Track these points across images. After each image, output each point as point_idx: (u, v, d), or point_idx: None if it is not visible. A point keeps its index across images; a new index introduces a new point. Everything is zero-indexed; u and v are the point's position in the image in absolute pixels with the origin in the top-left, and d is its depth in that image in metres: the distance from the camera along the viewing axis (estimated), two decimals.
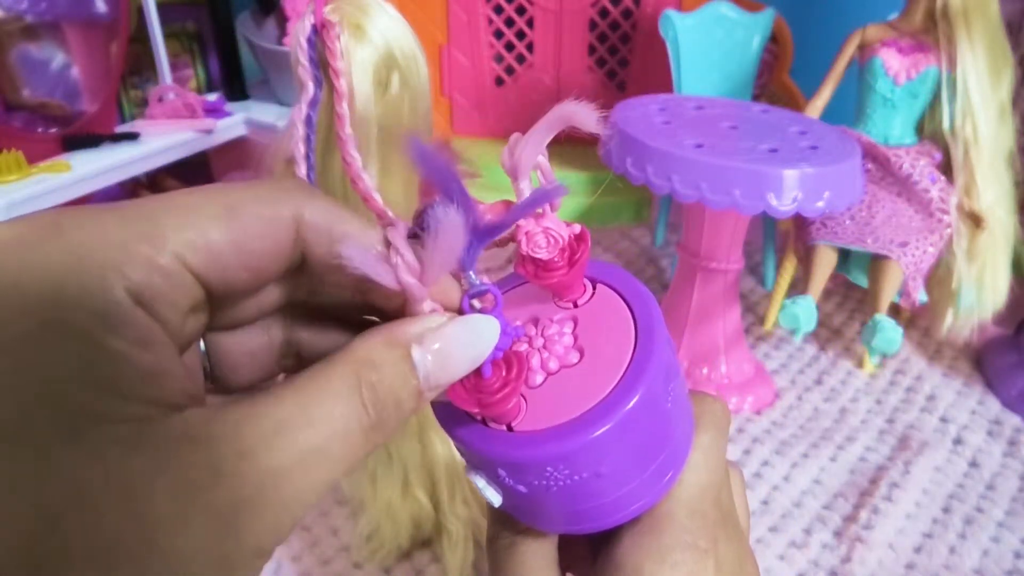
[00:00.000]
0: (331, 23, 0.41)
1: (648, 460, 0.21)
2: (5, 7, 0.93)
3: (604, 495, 0.21)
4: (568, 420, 0.20)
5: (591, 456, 0.20)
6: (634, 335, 0.21)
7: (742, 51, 1.14)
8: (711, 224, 0.84)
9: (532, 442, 0.20)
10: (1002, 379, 0.96)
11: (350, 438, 0.16)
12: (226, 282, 0.17)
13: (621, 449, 0.20)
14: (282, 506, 0.15)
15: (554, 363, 0.22)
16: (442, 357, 0.18)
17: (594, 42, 1.34)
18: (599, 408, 0.20)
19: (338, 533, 0.73)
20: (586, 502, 0.21)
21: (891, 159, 0.95)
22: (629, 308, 0.22)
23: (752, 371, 0.94)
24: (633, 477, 0.21)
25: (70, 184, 0.87)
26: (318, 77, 0.41)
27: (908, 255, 0.90)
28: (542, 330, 0.22)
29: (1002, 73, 0.91)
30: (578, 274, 0.22)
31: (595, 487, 0.21)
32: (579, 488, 0.21)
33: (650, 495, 0.22)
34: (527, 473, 0.20)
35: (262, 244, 0.17)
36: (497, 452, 0.20)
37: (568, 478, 0.20)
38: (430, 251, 0.17)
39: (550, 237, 0.21)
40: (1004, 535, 0.77)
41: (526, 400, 0.21)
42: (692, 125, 0.81)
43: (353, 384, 0.17)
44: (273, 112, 1.09)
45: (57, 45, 0.99)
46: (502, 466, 0.21)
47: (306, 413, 0.16)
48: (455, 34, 1.34)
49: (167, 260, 0.16)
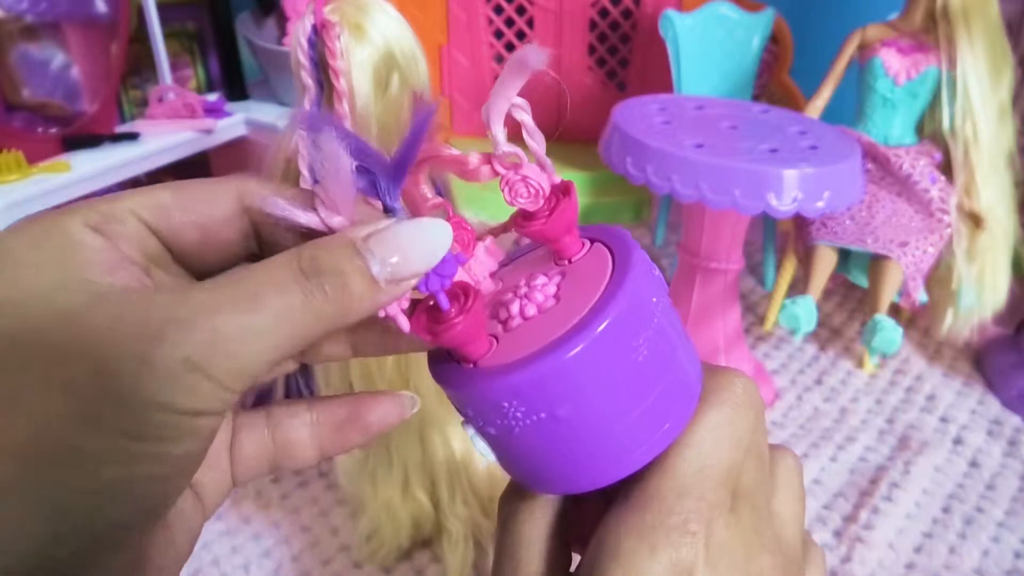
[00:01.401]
0: (331, 23, 0.41)
1: (618, 414, 0.21)
2: (5, 7, 0.93)
3: (568, 446, 0.21)
4: (522, 356, 0.20)
5: (540, 394, 0.20)
6: (606, 284, 0.22)
7: (742, 51, 1.14)
8: (711, 224, 0.84)
9: (487, 375, 0.20)
10: (1002, 379, 0.96)
11: (285, 296, 0.18)
12: (177, 236, 0.21)
13: (576, 393, 0.20)
14: (213, 334, 0.17)
15: (532, 309, 0.22)
16: (392, 248, 0.19)
17: (594, 42, 1.34)
18: (551, 345, 0.20)
19: (338, 533, 0.73)
20: (552, 451, 0.21)
21: (891, 159, 0.95)
22: (613, 260, 0.22)
23: (752, 371, 0.95)
24: (598, 431, 0.21)
25: (70, 184, 0.87)
26: (319, 77, 0.41)
27: (908, 255, 0.90)
28: (529, 281, 0.23)
29: (1002, 73, 0.91)
30: (560, 224, 0.22)
31: (556, 432, 0.21)
32: (540, 432, 0.21)
33: (624, 461, 0.21)
34: (487, 411, 0.21)
35: (208, 207, 0.21)
36: (459, 387, 0.21)
37: (526, 417, 0.20)
38: (325, 186, 0.19)
39: (529, 186, 0.22)
40: (1004, 535, 0.77)
41: (498, 341, 0.22)
42: (692, 125, 0.81)
43: (291, 256, 0.19)
44: (273, 112, 1.09)
45: (57, 45, 0.99)
46: (467, 404, 0.21)
47: (241, 277, 0.18)
48: (455, 34, 1.34)
49: (118, 212, 0.20)
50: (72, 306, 0.17)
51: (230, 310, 0.17)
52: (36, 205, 0.83)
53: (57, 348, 0.17)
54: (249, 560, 0.70)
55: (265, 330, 0.18)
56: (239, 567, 0.70)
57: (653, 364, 0.21)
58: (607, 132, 0.81)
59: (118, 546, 0.18)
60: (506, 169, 0.22)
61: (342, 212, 0.19)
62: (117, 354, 0.17)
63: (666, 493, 0.21)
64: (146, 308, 0.17)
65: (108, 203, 0.20)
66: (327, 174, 0.19)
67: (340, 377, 0.62)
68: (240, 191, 0.21)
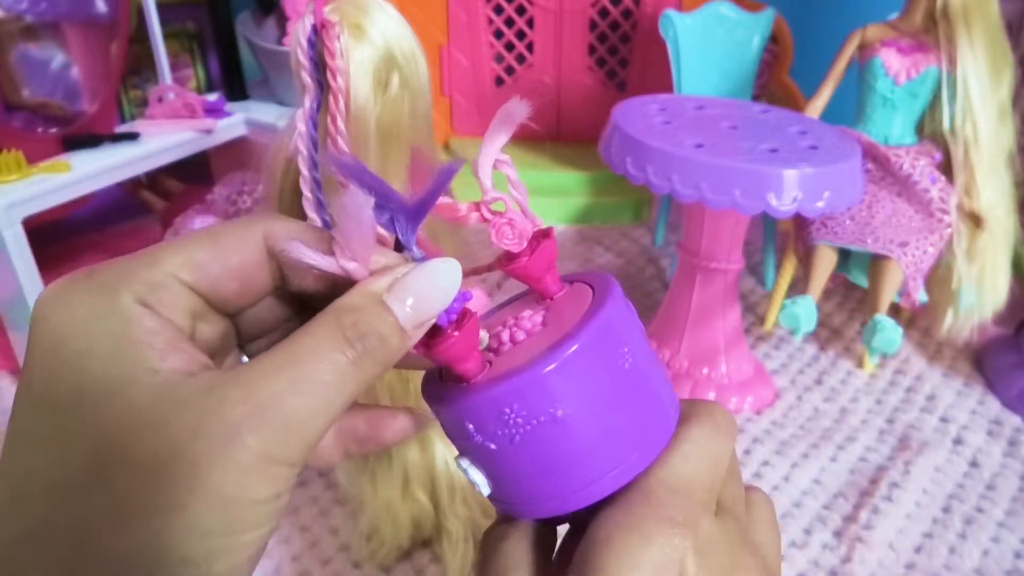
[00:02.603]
0: (331, 23, 0.41)
1: (608, 419, 0.22)
2: (5, 7, 0.93)
3: (567, 450, 0.22)
4: (521, 364, 0.22)
5: (542, 392, 0.21)
6: (591, 304, 0.24)
7: (742, 51, 1.14)
8: (711, 224, 0.84)
9: (487, 386, 0.22)
10: (1002, 379, 0.96)
11: (337, 367, 0.20)
12: (217, 290, 0.22)
13: (574, 391, 0.22)
14: (283, 423, 0.19)
15: (521, 334, 0.24)
16: (413, 294, 0.21)
17: (594, 42, 1.34)
18: (549, 349, 0.22)
19: (338, 533, 0.73)
20: (551, 459, 0.22)
21: (891, 159, 0.95)
22: (593, 290, 0.25)
23: (752, 371, 0.94)
24: (594, 435, 0.22)
25: (70, 184, 0.87)
26: (319, 77, 0.41)
27: (908, 255, 0.90)
28: (516, 316, 0.25)
29: (1002, 73, 0.91)
30: (541, 262, 0.25)
31: (556, 435, 0.22)
32: (541, 437, 0.22)
33: (617, 472, 0.23)
34: (488, 420, 0.22)
35: (240, 257, 0.22)
36: (460, 403, 0.22)
37: (527, 422, 0.22)
38: (344, 234, 0.20)
39: (514, 228, 0.24)
40: (1004, 535, 0.77)
41: (491, 364, 0.23)
42: (692, 125, 0.81)
43: (334, 324, 0.20)
44: (273, 112, 1.09)
45: (57, 45, 0.99)
46: (469, 417, 0.22)
47: (295, 353, 0.20)
48: (455, 34, 1.34)
49: (162, 277, 0.21)
50: (150, 409, 0.19)
51: (294, 393, 0.19)
52: (36, 205, 0.83)
53: (148, 460, 0.18)
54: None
55: (327, 405, 0.20)
56: None
57: (636, 375, 0.23)
58: (607, 132, 0.81)
59: None
60: (492, 215, 0.24)
61: (359, 258, 0.21)
62: (206, 463, 0.18)
63: (656, 490, 0.22)
64: (220, 409, 0.18)
65: (148, 268, 0.21)
66: (348, 222, 0.20)
67: None
68: (266, 232, 0.22)
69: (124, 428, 0.18)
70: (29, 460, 0.19)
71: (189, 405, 0.19)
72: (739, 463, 0.25)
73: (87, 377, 0.19)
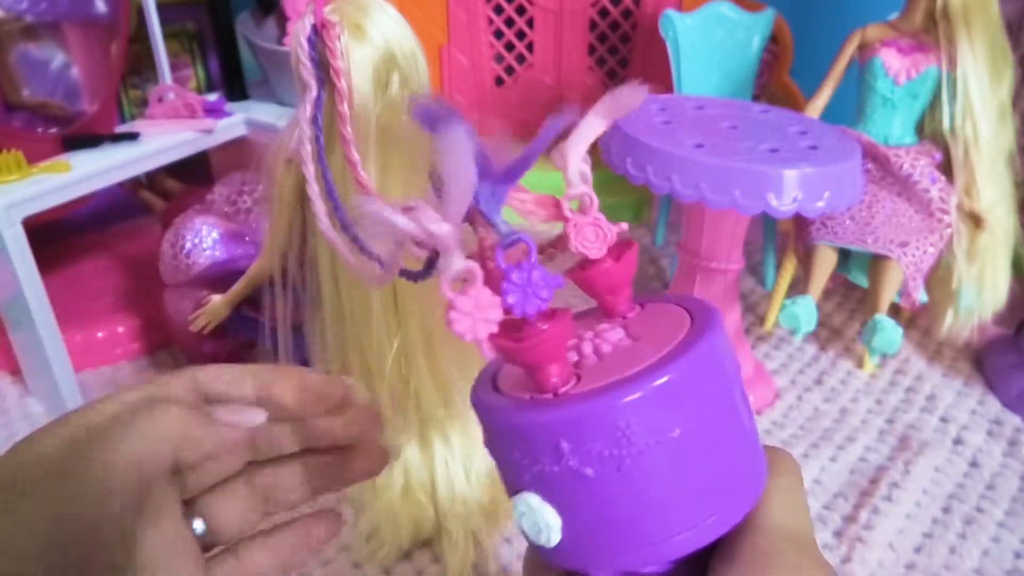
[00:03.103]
0: (331, 23, 0.41)
1: (720, 452, 0.19)
2: (5, 7, 0.93)
3: (676, 484, 0.19)
4: (636, 371, 0.19)
5: (669, 405, 0.18)
6: (688, 317, 0.21)
7: (742, 51, 1.14)
8: (711, 224, 0.84)
9: (601, 393, 0.18)
10: (1002, 379, 0.96)
11: None
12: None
13: (695, 411, 0.19)
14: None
15: (607, 347, 0.21)
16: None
17: (594, 42, 1.34)
18: (669, 355, 0.19)
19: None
20: (657, 493, 0.19)
21: (891, 159, 0.95)
22: (681, 307, 0.22)
23: (752, 371, 0.94)
24: (706, 468, 0.19)
25: (70, 184, 0.87)
26: (320, 77, 0.41)
27: (908, 255, 0.90)
28: (595, 327, 0.22)
29: (1002, 73, 0.91)
30: (624, 273, 0.22)
31: (669, 462, 0.18)
32: (652, 463, 0.18)
33: (716, 518, 0.20)
34: (595, 438, 0.18)
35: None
36: (554, 415, 0.18)
37: (643, 442, 0.18)
38: (447, 182, 0.17)
39: (599, 229, 0.21)
40: (1004, 535, 0.77)
41: (578, 378, 0.20)
42: (692, 125, 0.81)
43: None
44: (273, 112, 1.09)
45: (57, 45, 0.99)
46: (567, 433, 0.18)
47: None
48: (455, 34, 1.34)
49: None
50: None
51: None
52: (36, 205, 0.83)
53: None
54: None
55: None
56: None
57: (742, 408, 0.21)
58: (607, 132, 0.81)
59: None
60: (574, 213, 0.21)
61: (450, 218, 0.18)
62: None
63: (776, 543, 0.20)
64: None
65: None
66: (447, 171, 0.17)
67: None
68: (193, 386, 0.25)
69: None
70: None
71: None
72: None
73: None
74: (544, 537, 0.19)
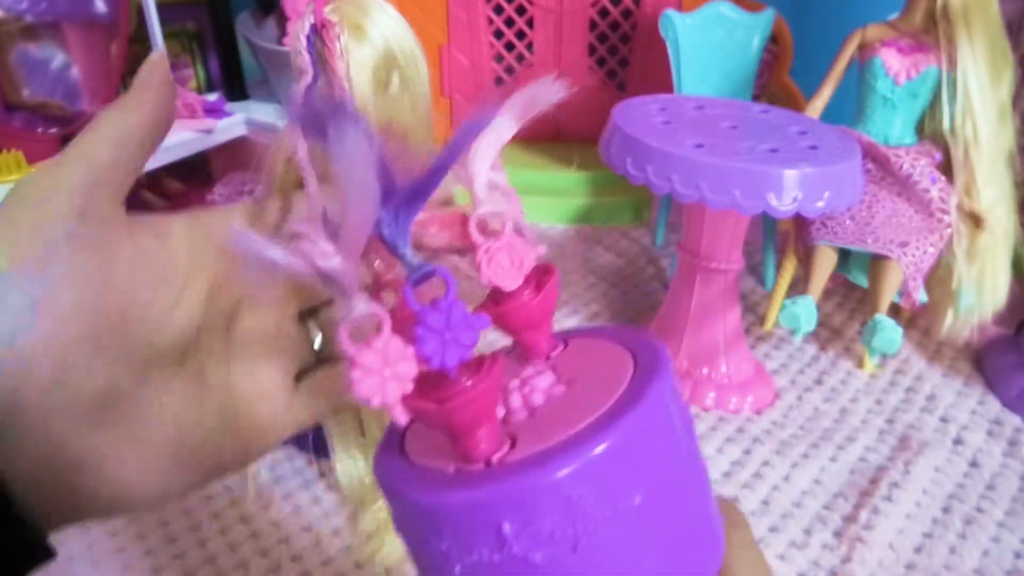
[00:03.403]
0: (331, 23, 0.41)
1: (682, 514, 0.17)
2: (5, 7, 0.93)
3: (643, 555, 0.16)
4: (580, 430, 0.16)
5: (626, 464, 0.15)
6: (628, 353, 0.18)
7: (742, 51, 1.14)
8: (711, 224, 0.84)
9: (546, 459, 0.15)
10: (1002, 379, 0.96)
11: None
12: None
13: (658, 471, 0.16)
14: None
15: (538, 397, 0.18)
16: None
17: (594, 42, 1.34)
18: (618, 405, 0.16)
19: (339, 533, 0.73)
20: (621, 568, 0.16)
21: (891, 159, 0.95)
22: (614, 342, 0.19)
23: (752, 371, 0.94)
24: (671, 533, 0.16)
25: None
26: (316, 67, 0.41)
27: (908, 255, 0.90)
28: (519, 377, 0.19)
29: (1002, 73, 0.91)
30: (547, 304, 0.18)
31: (631, 533, 0.16)
32: (612, 537, 0.15)
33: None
34: (548, 511, 0.15)
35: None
36: (500, 491, 0.15)
37: (601, 513, 0.15)
38: (343, 204, 0.14)
39: (514, 255, 0.17)
40: (1004, 535, 0.77)
41: (511, 441, 0.17)
42: (692, 125, 0.81)
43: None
44: (273, 112, 1.09)
45: (57, 45, 0.98)
46: (510, 513, 0.15)
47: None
48: (455, 34, 1.34)
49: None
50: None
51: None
52: None
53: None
54: (248, 559, 0.70)
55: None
56: (237, 566, 0.70)
57: (698, 462, 0.18)
58: (607, 132, 0.81)
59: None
60: (484, 235, 0.17)
61: (344, 250, 0.14)
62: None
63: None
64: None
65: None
66: (343, 190, 0.14)
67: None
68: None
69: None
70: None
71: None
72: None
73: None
74: None
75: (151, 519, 0.73)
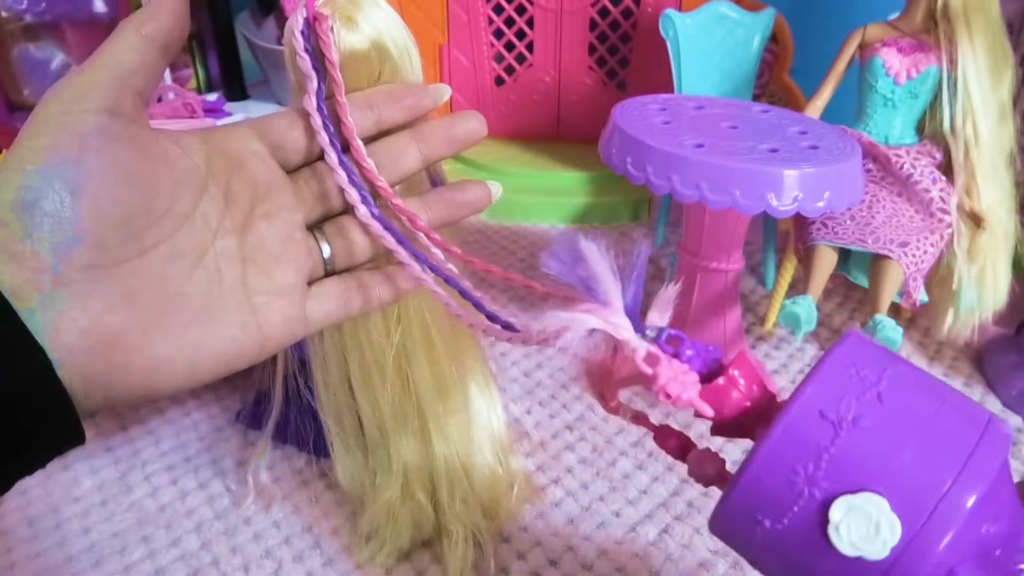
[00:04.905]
0: (323, 16, 0.41)
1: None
2: (5, 7, 0.93)
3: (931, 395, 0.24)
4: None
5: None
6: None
7: (742, 51, 1.14)
8: (711, 224, 0.84)
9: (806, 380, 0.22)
10: (1002, 379, 0.96)
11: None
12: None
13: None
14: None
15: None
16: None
17: (594, 42, 1.34)
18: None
19: (339, 534, 0.73)
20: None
21: (891, 159, 0.95)
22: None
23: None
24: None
25: None
26: (318, 68, 0.41)
27: (908, 255, 0.90)
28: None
29: (1003, 73, 0.91)
30: (751, 391, 0.25)
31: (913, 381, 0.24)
32: (904, 380, 0.23)
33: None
34: (843, 390, 0.21)
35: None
36: (806, 391, 0.22)
37: (876, 376, 0.22)
38: (605, 290, 0.22)
39: (667, 397, 0.22)
40: None
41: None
42: (692, 125, 0.81)
43: None
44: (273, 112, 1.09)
45: (57, 45, 0.99)
46: (824, 400, 0.21)
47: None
48: (455, 34, 1.34)
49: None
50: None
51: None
52: None
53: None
54: (249, 560, 0.70)
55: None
56: (238, 567, 0.70)
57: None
58: (607, 132, 0.81)
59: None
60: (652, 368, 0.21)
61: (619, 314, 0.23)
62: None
63: None
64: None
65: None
66: (595, 269, 0.22)
67: (339, 378, 0.62)
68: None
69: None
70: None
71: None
72: None
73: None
74: (879, 544, 0.17)
75: (153, 520, 0.73)
